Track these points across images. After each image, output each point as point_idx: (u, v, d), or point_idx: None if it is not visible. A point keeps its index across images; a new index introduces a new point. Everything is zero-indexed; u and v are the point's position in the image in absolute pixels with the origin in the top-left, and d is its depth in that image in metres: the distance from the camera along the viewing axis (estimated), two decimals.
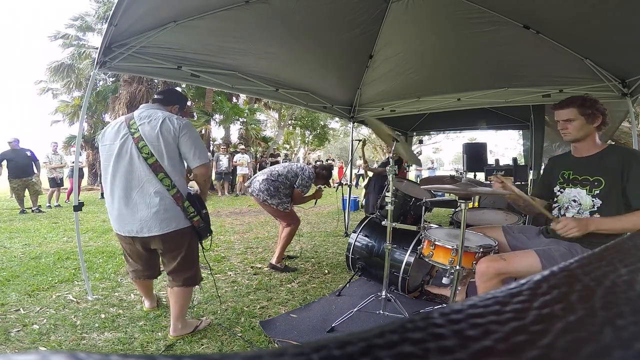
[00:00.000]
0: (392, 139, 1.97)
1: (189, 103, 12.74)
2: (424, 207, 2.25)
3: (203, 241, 1.86)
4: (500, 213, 2.64)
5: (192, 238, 1.78)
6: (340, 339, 0.12)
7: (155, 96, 1.89)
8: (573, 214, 1.64)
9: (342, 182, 5.12)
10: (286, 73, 3.61)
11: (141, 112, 1.73)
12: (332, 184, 5.72)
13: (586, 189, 1.61)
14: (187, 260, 1.77)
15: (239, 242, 4.01)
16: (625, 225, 1.47)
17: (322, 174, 3.14)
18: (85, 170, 11.80)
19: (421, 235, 2.02)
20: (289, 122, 16.63)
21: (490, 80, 3.45)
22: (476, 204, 4.05)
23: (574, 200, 1.64)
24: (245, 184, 3.57)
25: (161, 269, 1.98)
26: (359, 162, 15.36)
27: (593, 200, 1.58)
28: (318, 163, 5.14)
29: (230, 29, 2.66)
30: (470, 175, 5.11)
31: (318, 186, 3.23)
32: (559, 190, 1.72)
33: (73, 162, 6.92)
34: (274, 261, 3.00)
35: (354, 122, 4.93)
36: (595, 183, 1.58)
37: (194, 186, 1.97)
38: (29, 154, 6.44)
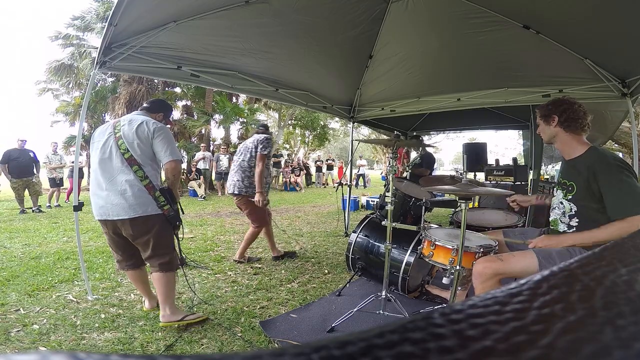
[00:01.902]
0: (392, 140, 1.97)
1: (188, 103, 12.83)
2: (424, 207, 2.25)
3: (177, 232, 2.03)
4: (500, 213, 2.64)
5: (163, 225, 1.92)
6: (340, 339, 0.12)
7: (144, 104, 2.16)
8: (557, 216, 1.68)
9: (342, 182, 5.12)
10: (286, 73, 3.61)
11: (129, 116, 2.01)
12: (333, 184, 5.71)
13: (564, 193, 1.64)
14: (159, 246, 1.92)
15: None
16: (600, 239, 1.43)
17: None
18: (85, 170, 11.78)
19: (421, 235, 2.02)
20: (289, 122, 16.63)
21: (490, 80, 3.45)
22: (476, 204, 4.06)
23: (561, 202, 1.66)
24: (226, 187, 3.60)
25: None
26: (359, 162, 15.34)
27: (570, 205, 1.60)
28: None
29: (230, 28, 2.66)
30: (471, 175, 5.11)
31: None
32: (555, 191, 1.76)
33: (73, 162, 6.94)
34: (236, 257, 3.21)
35: (354, 122, 4.93)
36: (570, 188, 1.60)
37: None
38: (31, 154, 6.53)
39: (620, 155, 9.65)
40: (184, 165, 10.67)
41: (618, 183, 1.40)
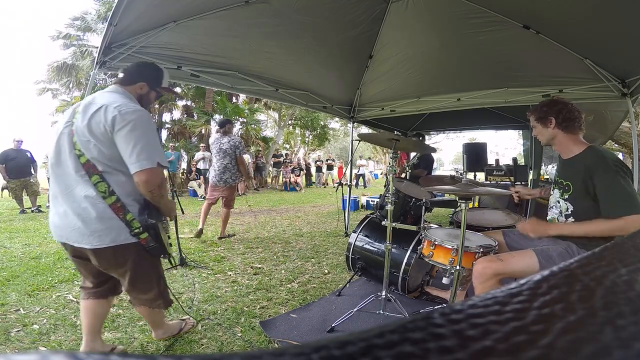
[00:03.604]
0: (392, 140, 1.96)
1: (188, 103, 12.79)
2: (424, 207, 2.25)
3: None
4: (500, 213, 2.64)
5: (140, 257, 1.43)
6: (340, 339, 0.12)
7: (119, 74, 1.50)
8: (554, 215, 1.68)
9: (342, 182, 5.12)
10: (286, 73, 3.61)
11: (91, 97, 1.37)
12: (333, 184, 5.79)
13: (560, 192, 1.64)
14: (139, 281, 1.48)
15: (239, 242, 4.01)
16: (588, 232, 1.47)
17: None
18: None
19: (421, 235, 2.02)
20: (289, 122, 16.63)
21: (490, 80, 3.45)
22: (476, 204, 4.06)
23: (558, 202, 1.66)
24: (210, 180, 4.21)
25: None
26: (359, 161, 15.33)
27: (566, 204, 1.60)
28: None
29: (230, 28, 2.66)
30: (471, 175, 5.11)
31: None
32: (552, 190, 1.76)
33: None
34: (220, 235, 4.13)
35: (354, 122, 4.93)
36: (566, 187, 1.60)
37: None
38: (28, 155, 6.53)
39: (621, 155, 9.65)
40: (184, 165, 10.60)
41: (613, 184, 1.41)
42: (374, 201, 6.49)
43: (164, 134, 11.45)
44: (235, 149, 3.95)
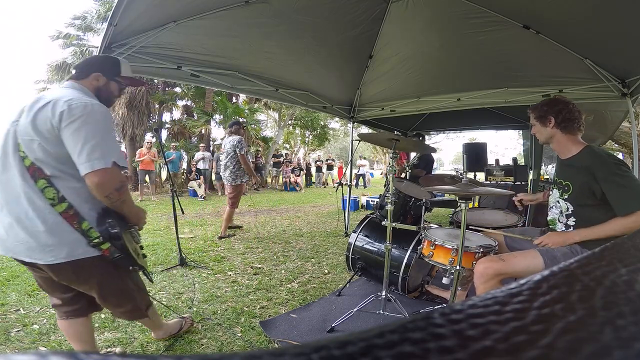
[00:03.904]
0: (392, 140, 1.96)
1: (188, 103, 12.81)
2: (424, 207, 2.25)
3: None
4: (500, 213, 2.64)
5: (108, 269, 1.27)
6: (340, 339, 0.12)
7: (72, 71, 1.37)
8: (555, 215, 1.68)
9: (342, 182, 5.12)
10: (286, 73, 3.61)
11: (41, 95, 1.21)
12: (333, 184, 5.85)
13: (560, 192, 1.64)
14: (111, 295, 1.33)
15: (239, 242, 4.01)
16: (607, 233, 1.45)
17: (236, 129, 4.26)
18: None
19: (421, 235, 2.02)
20: (289, 122, 16.63)
21: (490, 80, 3.45)
22: (476, 204, 4.06)
23: (557, 202, 1.66)
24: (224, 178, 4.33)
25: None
26: (359, 161, 15.34)
27: (566, 204, 1.60)
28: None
29: (230, 28, 2.66)
30: (471, 175, 5.11)
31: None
32: (552, 190, 1.76)
33: None
34: (221, 235, 4.21)
35: (354, 122, 4.93)
36: (566, 187, 1.60)
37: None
38: None
39: (621, 155, 9.65)
40: (184, 165, 10.58)
41: (619, 180, 1.41)
42: (374, 201, 6.50)
43: (164, 134, 11.45)
44: (234, 147, 4.06)
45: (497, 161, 5.30)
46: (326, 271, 3.00)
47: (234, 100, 12.38)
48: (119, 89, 1.41)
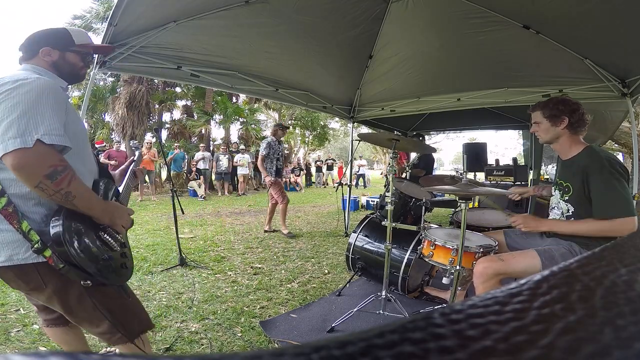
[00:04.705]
0: (392, 140, 1.96)
1: (188, 103, 12.81)
2: (424, 207, 2.25)
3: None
4: (500, 213, 2.64)
5: (62, 283, 1.03)
6: (340, 339, 0.12)
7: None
8: (556, 216, 1.68)
9: (342, 182, 5.12)
10: (286, 73, 3.61)
11: None
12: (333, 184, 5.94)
13: (560, 194, 1.64)
14: (78, 310, 1.07)
15: (239, 242, 4.01)
16: (577, 229, 1.49)
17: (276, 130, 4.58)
18: None
19: (421, 235, 2.02)
20: (289, 122, 16.64)
21: (490, 80, 3.45)
22: (476, 204, 4.06)
23: (559, 203, 1.66)
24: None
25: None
26: (359, 161, 15.35)
27: (567, 205, 1.60)
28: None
29: (230, 28, 2.66)
30: (471, 175, 5.11)
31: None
32: (553, 191, 1.76)
33: None
34: (266, 228, 4.62)
35: (354, 122, 4.93)
36: (566, 189, 1.60)
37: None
38: None
39: (620, 155, 9.64)
40: (184, 165, 10.59)
41: (607, 185, 1.41)
42: (374, 201, 6.49)
43: (164, 134, 11.45)
44: (257, 151, 4.45)
45: (497, 161, 5.30)
46: (326, 271, 3.00)
47: (234, 100, 12.39)
48: (82, 59, 1.20)
